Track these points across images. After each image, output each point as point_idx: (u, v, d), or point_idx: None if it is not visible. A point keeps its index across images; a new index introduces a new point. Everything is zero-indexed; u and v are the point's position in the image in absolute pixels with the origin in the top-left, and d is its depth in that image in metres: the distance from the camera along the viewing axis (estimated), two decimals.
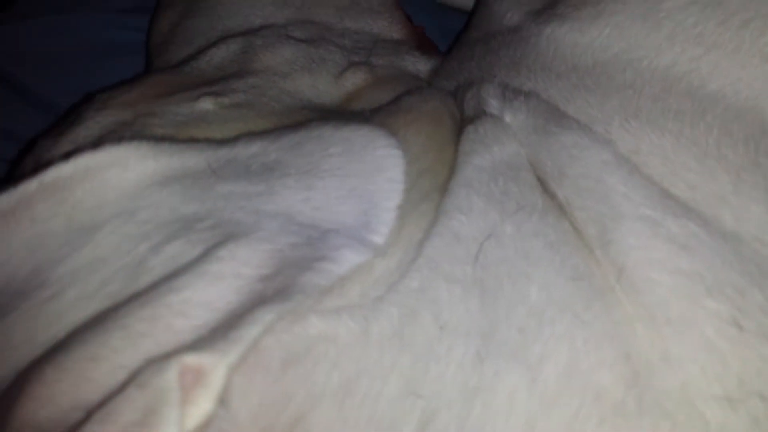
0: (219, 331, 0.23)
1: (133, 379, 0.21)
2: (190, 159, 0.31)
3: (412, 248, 0.28)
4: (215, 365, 0.22)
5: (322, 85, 0.42)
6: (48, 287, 0.25)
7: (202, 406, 0.22)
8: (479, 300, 0.26)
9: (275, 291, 0.23)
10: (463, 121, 0.39)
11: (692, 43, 0.31)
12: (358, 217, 0.29)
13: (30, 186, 0.28)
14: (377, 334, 0.25)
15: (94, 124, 0.37)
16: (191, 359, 0.21)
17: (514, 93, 0.35)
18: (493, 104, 0.36)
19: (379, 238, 0.28)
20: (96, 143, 0.36)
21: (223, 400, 0.22)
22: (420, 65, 0.48)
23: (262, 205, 0.29)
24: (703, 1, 0.31)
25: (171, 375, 0.21)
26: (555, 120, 0.33)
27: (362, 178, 0.31)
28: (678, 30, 0.32)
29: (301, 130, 0.33)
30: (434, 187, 0.31)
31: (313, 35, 0.47)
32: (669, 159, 0.29)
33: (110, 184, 0.29)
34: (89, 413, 0.21)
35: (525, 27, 0.40)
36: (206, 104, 0.37)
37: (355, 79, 0.43)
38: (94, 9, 0.61)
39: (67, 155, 0.29)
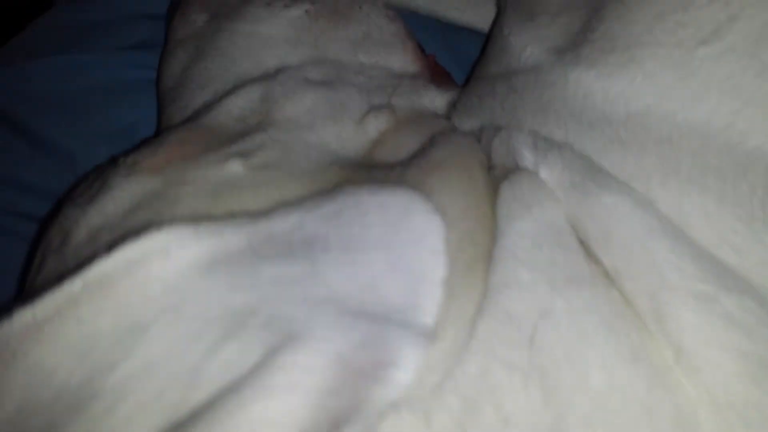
0: None
1: None
2: (231, 239, 0.30)
3: (464, 327, 0.28)
4: None
5: (345, 134, 0.41)
6: (102, 398, 0.25)
7: None
8: (540, 389, 0.26)
9: (347, 409, 0.23)
10: (492, 168, 0.39)
11: (728, 96, 0.31)
12: (405, 295, 0.29)
13: (74, 286, 0.28)
14: (439, 429, 0.25)
15: (122, 193, 0.36)
16: None
17: (548, 144, 0.35)
18: (526, 156, 0.35)
19: (429, 318, 0.28)
20: (128, 216, 0.35)
21: None
22: (437, 101, 0.48)
23: (311, 289, 0.29)
24: (739, 50, 0.31)
25: None
26: (593, 177, 0.32)
27: (404, 250, 0.30)
28: (712, 81, 0.31)
29: (338, 197, 0.32)
30: (478, 254, 0.31)
31: (330, 76, 0.46)
32: (713, 220, 0.29)
33: (154, 276, 0.28)
34: None
35: (548, 67, 0.39)
36: (235, 167, 0.37)
37: (377, 124, 0.42)
38: (98, 48, 0.60)
39: (109, 247, 0.28)
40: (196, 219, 0.31)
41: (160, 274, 0.28)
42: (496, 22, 0.49)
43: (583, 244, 0.31)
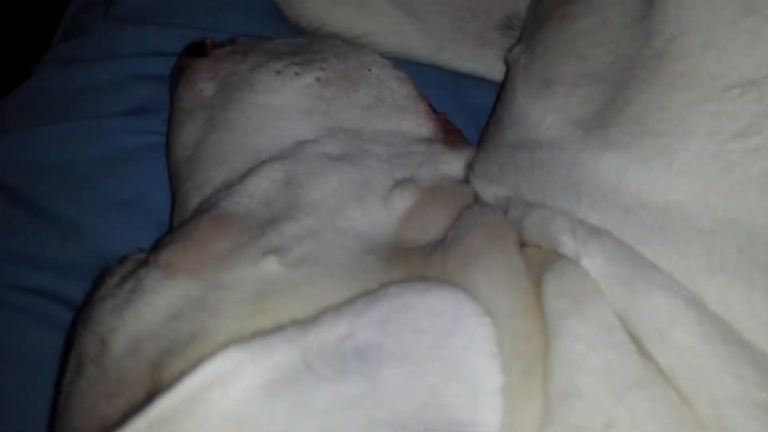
0: None
1: None
2: (284, 356, 0.30)
3: None
4: None
5: (373, 215, 0.41)
6: None
7: None
8: None
9: None
10: (524, 245, 0.39)
11: (766, 194, 0.31)
12: (465, 409, 0.29)
13: (138, 426, 0.27)
14: None
15: (160, 299, 0.36)
16: None
17: (587, 232, 0.35)
18: (565, 243, 0.36)
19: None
20: (169, 324, 0.35)
21: None
22: (455, 165, 0.48)
23: (371, 412, 0.29)
24: None
25: None
26: (639, 271, 0.33)
27: (458, 358, 0.30)
28: (751, 176, 0.32)
29: (385, 300, 0.32)
30: (532, 357, 0.31)
31: (348, 148, 0.46)
32: (761, 318, 0.30)
33: (215, 409, 0.28)
34: None
35: (575, 145, 0.39)
36: (271, 265, 0.36)
37: (403, 201, 0.42)
38: (95, 114, 0.59)
39: (171, 384, 0.28)
40: (244, 336, 0.31)
41: (221, 406, 0.28)
42: (508, 84, 0.49)
43: (635, 340, 0.31)
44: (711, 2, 0.35)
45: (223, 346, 0.30)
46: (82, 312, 0.39)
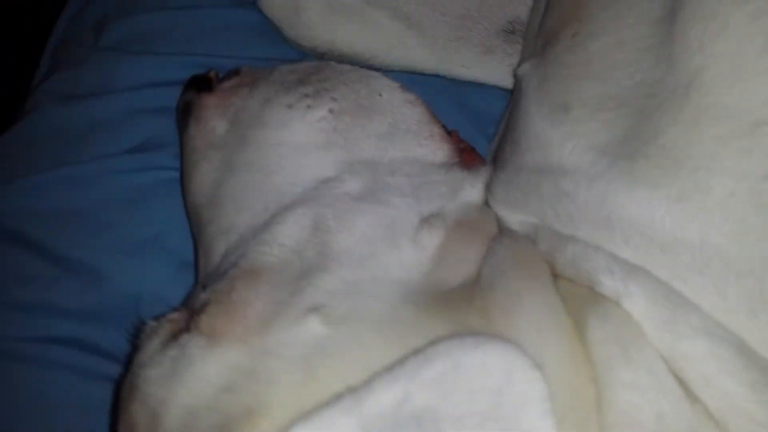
0: None
1: None
2: (346, 428, 0.30)
3: None
4: None
5: (405, 256, 0.41)
6: None
7: None
8: None
9: None
10: (557, 276, 0.40)
11: None
12: None
13: None
14: None
15: (209, 369, 0.36)
16: None
17: (624, 271, 0.36)
18: (604, 283, 0.36)
19: None
20: (222, 397, 0.35)
21: None
22: (476, 190, 0.48)
23: None
24: None
25: None
26: (681, 313, 0.33)
27: (513, 417, 0.31)
28: None
29: (436, 360, 0.32)
30: (584, 410, 0.32)
31: (369, 183, 0.46)
32: None
33: None
34: None
35: (602, 177, 0.39)
36: (315, 326, 0.37)
37: (432, 239, 0.42)
38: (104, 154, 0.58)
39: None
40: (303, 410, 0.31)
41: None
42: (521, 103, 0.49)
43: (682, 384, 0.32)
44: (734, 36, 0.35)
45: (283, 423, 0.31)
46: (125, 379, 0.39)
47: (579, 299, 0.36)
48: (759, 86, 0.34)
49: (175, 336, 0.39)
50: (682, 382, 0.32)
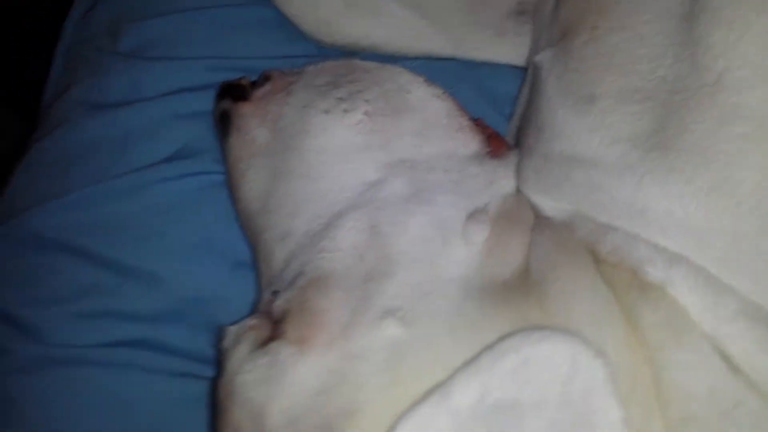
0: None
1: None
2: (440, 424, 0.35)
3: None
4: None
5: (458, 254, 0.45)
6: None
7: None
8: None
9: None
10: (600, 262, 0.44)
11: None
12: None
13: None
14: None
15: (302, 375, 0.40)
16: None
17: (667, 260, 0.40)
18: (649, 272, 0.40)
19: None
20: (318, 399, 0.40)
21: None
22: (509, 179, 0.51)
23: None
24: None
25: None
26: (721, 297, 0.38)
27: (583, 401, 0.36)
28: None
29: (507, 355, 0.37)
30: (645, 390, 0.37)
31: (413, 183, 0.49)
32: None
33: None
34: None
35: (633, 170, 0.43)
36: (392, 329, 0.41)
37: (479, 234, 0.46)
38: (146, 163, 0.61)
39: None
40: (397, 410, 0.36)
41: None
42: (542, 93, 0.52)
43: (726, 360, 0.37)
44: (755, 42, 0.38)
45: (380, 422, 0.35)
46: (219, 385, 0.44)
47: (625, 285, 0.41)
48: None
49: (262, 343, 0.43)
50: (725, 358, 0.37)
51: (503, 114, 0.62)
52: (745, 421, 0.35)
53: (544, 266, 0.43)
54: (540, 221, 0.48)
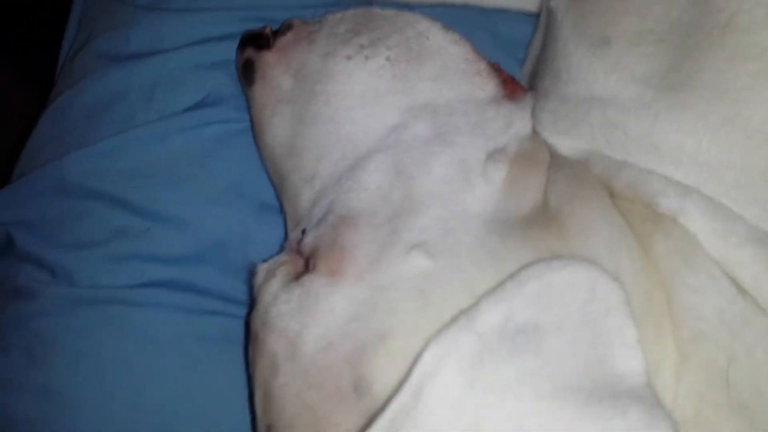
0: None
1: None
2: (467, 343, 0.38)
3: (670, 377, 0.37)
4: None
5: (479, 192, 0.47)
6: None
7: None
8: (745, 420, 0.35)
9: None
10: (615, 197, 0.46)
11: None
12: (617, 362, 0.37)
13: (382, 423, 0.35)
14: None
15: (335, 304, 0.43)
16: None
17: (680, 192, 0.42)
18: (661, 203, 0.43)
19: (644, 377, 0.36)
20: (351, 324, 0.42)
21: None
22: (525, 121, 0.53)
23: (551, 379, 0.37)
24: None
25: None
26: (730, 225, 0.40)
27: (601, 322, 0.38)
28: None
29: (530, 281, 0.39)
30: (658, 311, 0.39)
31: (434, 126, 0.51)
32: None
33: (432, 399, 0.36)
34: None
35: (648, 107, 0.45)
36: (420, 261, 0.43)
37: (498, 173, 0.48)
38: (171, 112, 0.63)
39: (397, 386, 0.36)
40: (429, 331, 0.39)
41: (436, 395, 0.36)
42: (558, 36, 0.54)
43: (734, 282, 0.39)
44: None
45: (411, 344, 0.38)
46: (254, 317, 0.46)
47: (640, 217, 0.43)
48: None
49: (295, 277, 0.45)
50: (734, 282, 0.39)
51: (517, 59, 0.64)
52: (751, 339, 0.37)
53: (561, 201, 0.45)
54: (557, 160, 0.50)
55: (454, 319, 0.39)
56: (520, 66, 0.64)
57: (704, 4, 0.43)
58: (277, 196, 0.56)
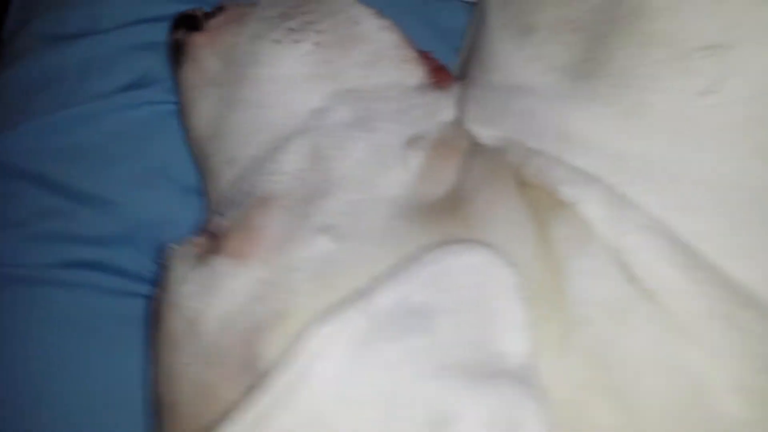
0: None
1: None
2: (358, 323, 0.37)
3: (552, 361, 0.37)
4: None
5: (396, 177, 0.47)
6: None
7: None
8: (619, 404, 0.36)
9: None
10: (526, 185, 0.46)
11: (728, 146, 0.39)
12: (502, 344, 0.37)
13: (265, 400, 0.35)
14: None
15: (237, 284, 0.42)
16: None
17: (581, 180, 0.42)
18: (563, 192, 0.43)
19: (526, 359, 0.36)
20: (252, 305, 0.42)
21: None
22: (450, 109, 0.53)
23: (436, 359, 0.36)
24: (733, 104, 0.38)
25: None
26: (627, 213, 0.40)
27: (493, 305, 0.38)
28: (710, 130, 0.39)
29: (428, 265, 0.39)
30: (550, 296, 0.39)
31: (357, 111, 0.51)
32: (726, 247, 0.38)
33: (317, 377, 0.36)
34: None
35: (563, 96, 0.45)
36: (325, 244, 0.43)
37: (417, 159, 0.48)
38: (102, 93, 0.62)
39: (279, 362, 0.36)
40: (323, 311, 0.38)
41: (321, 374, 0.36)
42: (483, 25, 0.54)
43: (625, 269, 0.39)
44: None
45: (309, 323, 0.38)
46: (159, 297, 0.46)
47: (543, 205, 0.43)
48: (696, 16, 0.39)
49: (203, 258, 0.45)
50: (626, 268, 0.39)
51: (454, 48, 0.64)
52: (635, 325, 0.37)
53: (471, 188, 0.45)
54: (476, 148, 0.50)
55: (347, 300, 0.39)
56: (456, 55, 0.64)
57: None
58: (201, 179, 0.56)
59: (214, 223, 0.48)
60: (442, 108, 0.53)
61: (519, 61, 0.49)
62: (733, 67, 0.38)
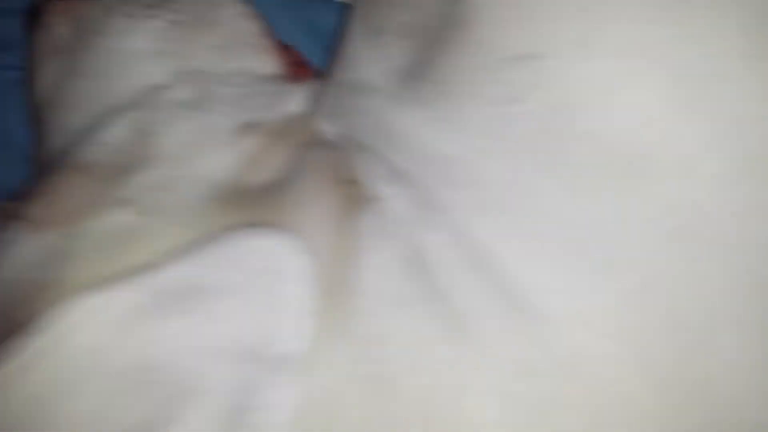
0: None
1: None
2: (136, 295, 0.36)
3: (327, 351, 0.36)
4: None
5: (219, 159, 0.46)
6: None
7: None
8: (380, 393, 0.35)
9: None
10: (354, 182, 0.46)
11: (528, 155, 0.39)
12: (284, 330, 0.37)
13: (8, 369, 0.33)
14: None
15: (22, 250, 0.41)
16: None
17: (396, 178, 0.42)
18: (378, 187, 0.42)
19: (301, 345, 0.36)
20: (33, 270, 0.40)
21: None
22: (296, 102, 0.53)
23: (211, 342, 0.36)
24: (538, 114, 0.38)
25: None
26: (430, 213, 0.40)
27: (280, 290, 0.38)
28: (516, 138, 0.39)
29: (219, 244, 0.39)
30: (341, 287, 0.39)
31: (198, 92, 0.50)
32: (514, 248, 0.38)
33: (75, 345, 0.34)
34: None
35: (394, 97, 0.45)
36: (124, 216, 0.42)
37: (246, 145, 0.47)
38: None
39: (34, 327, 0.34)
40: (100, 279, 0.37)
41: (80, 341, 0.35)
42: (349, 25, 0.54)
43: (421, 266, 0.39)
44: None
45: (78, 293, 0.36)
46: None
47: (356, 199, 0.43)
48: (511, 27, 0.39)
49: (5, 222, 0.43)
50: (421, 266, 0.39)
51: (328, 49, 0.63)
52: (413, 322, 0.37)
53: (293, 178, 0.45)
54: (314, 141, 0.50)
55: (130, 274, 0.37)
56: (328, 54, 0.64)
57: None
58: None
59: (27, 188, 0.46)
60: (289, 100, 0.52)
61: (368, 61, 0.49)
62: (541, 78, 0.38)
